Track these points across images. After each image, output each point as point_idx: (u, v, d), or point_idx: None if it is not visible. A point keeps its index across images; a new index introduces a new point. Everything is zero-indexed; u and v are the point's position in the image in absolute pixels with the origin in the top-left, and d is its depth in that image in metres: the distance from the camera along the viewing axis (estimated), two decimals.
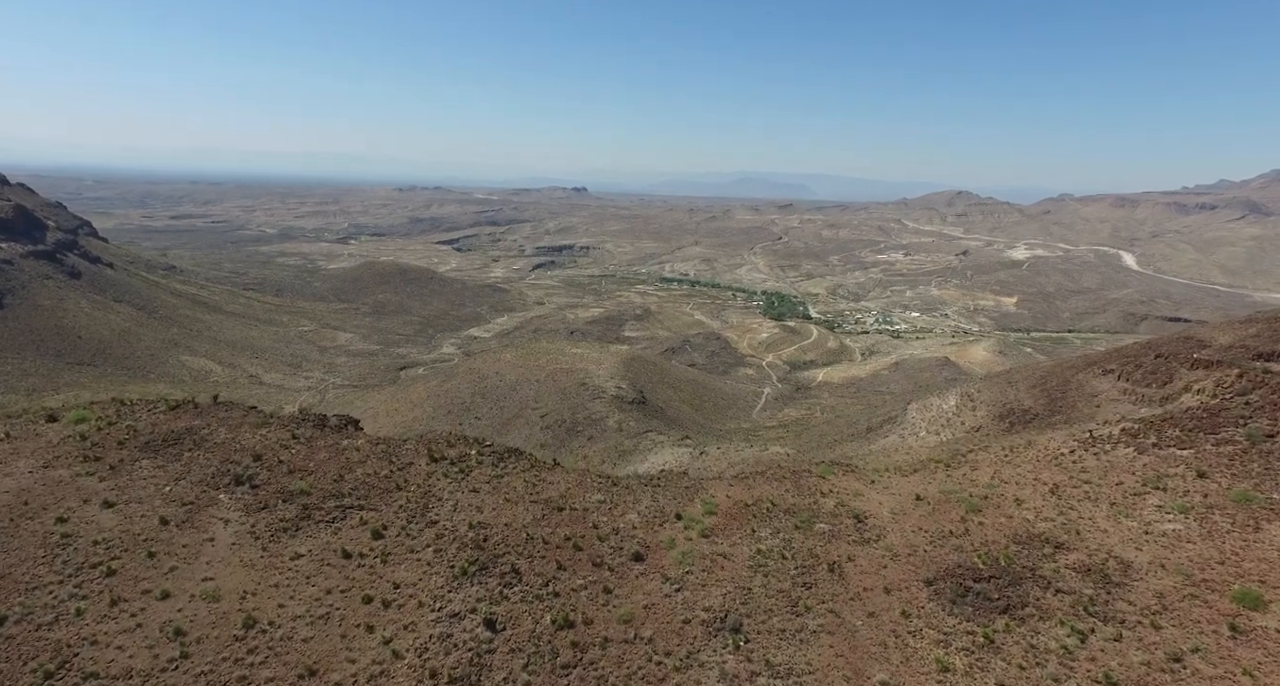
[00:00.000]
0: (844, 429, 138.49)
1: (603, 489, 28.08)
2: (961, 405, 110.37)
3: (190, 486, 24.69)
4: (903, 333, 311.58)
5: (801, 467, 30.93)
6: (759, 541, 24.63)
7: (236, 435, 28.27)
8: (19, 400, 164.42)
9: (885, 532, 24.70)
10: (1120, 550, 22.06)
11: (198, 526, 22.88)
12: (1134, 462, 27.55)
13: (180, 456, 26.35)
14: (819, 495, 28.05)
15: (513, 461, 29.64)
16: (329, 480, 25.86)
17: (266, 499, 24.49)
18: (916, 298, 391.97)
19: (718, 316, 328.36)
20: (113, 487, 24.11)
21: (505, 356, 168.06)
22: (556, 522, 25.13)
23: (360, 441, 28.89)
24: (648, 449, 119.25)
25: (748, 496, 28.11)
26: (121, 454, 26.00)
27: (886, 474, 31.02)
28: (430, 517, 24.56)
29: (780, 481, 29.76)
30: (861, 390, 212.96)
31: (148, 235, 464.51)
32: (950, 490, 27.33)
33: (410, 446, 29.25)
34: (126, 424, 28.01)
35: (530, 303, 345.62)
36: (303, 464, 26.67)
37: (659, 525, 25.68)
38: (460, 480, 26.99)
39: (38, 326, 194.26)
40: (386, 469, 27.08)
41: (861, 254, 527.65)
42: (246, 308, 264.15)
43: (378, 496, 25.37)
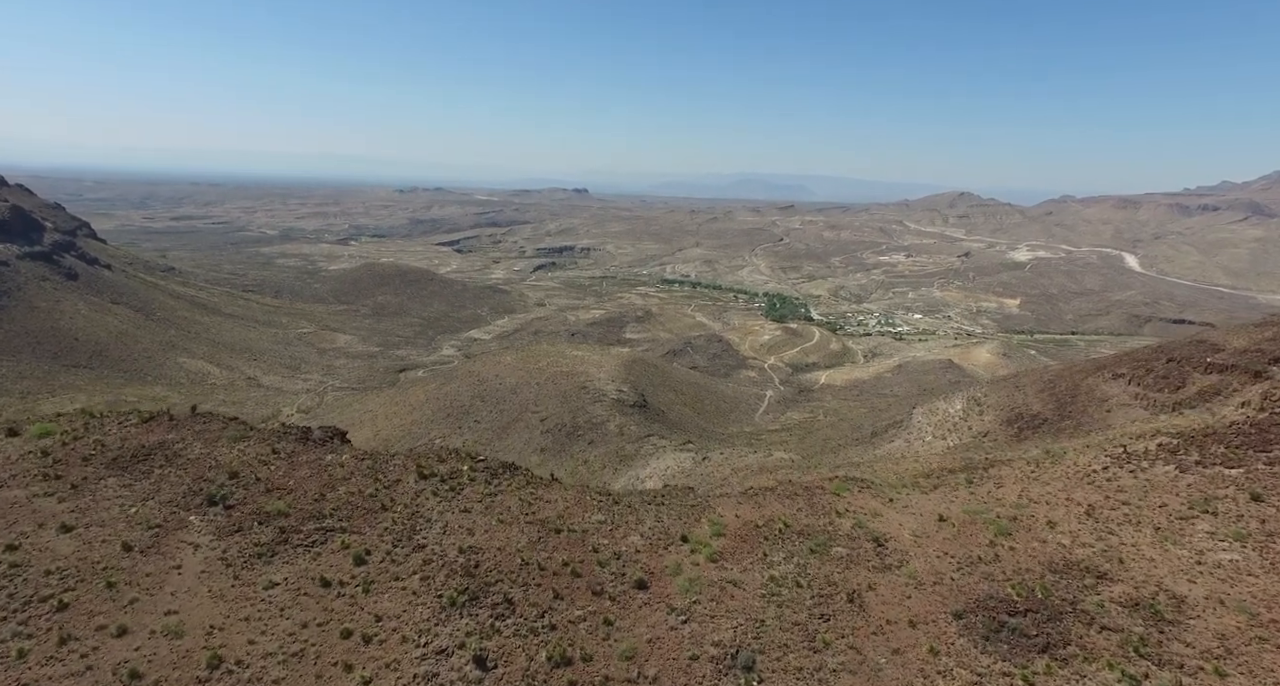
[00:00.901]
0: (848, 433, 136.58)
1: (603, 507, 26.27)
2: (968, 409, 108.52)
3: (158, 507, 22.90)
4: (905, 334, 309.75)
5: (814, 484, 29.11)
6: (771, 567, 22.82)
7: (212, 450, 26.48)
8: (13, 403, 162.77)
9: (907, 557, 22.88)
10: (1171, 582, 20.24)
11: (164, 552, 21.09)
12: (1176, 482, 25.73)
13: (150, 474, 24.57)
14: (834, 514, 26.22)
15: (507, 477, 27.82)
16: (309, 499, 24.08)
17: (241, 521, 22.70)
18: (919, 299, 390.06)
19: (719, 318, 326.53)
20: (73, 509, 22.33)
21: (505, 359, 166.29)
22: (554, 546, 23.32)
23: (345, 456, 27.10)
24: (649, 454, 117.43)
25: (758, 516, 26.29)
26: (86, 471, 24.23)
27: (905, 490, 29.18)
28: (418, 541, 22.76)
29: (792, 499, 27.93)
30: (865, 393, 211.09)
31: (148, 236, 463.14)
32: (975, 510, 25.51)
33: (398, 462, 27.45)
34: (94, 438, 26.22)
35: (531, 304, 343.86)
36: (282, 482, 24.88)
37: (664, 548, 23.87)
38: (451, 499, 25.18)
39: (33, 328, 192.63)
40: (372, 487, 25.27)
41: (863, 255, 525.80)
42: (246, 309, 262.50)
43: (361, 517, 23.58)
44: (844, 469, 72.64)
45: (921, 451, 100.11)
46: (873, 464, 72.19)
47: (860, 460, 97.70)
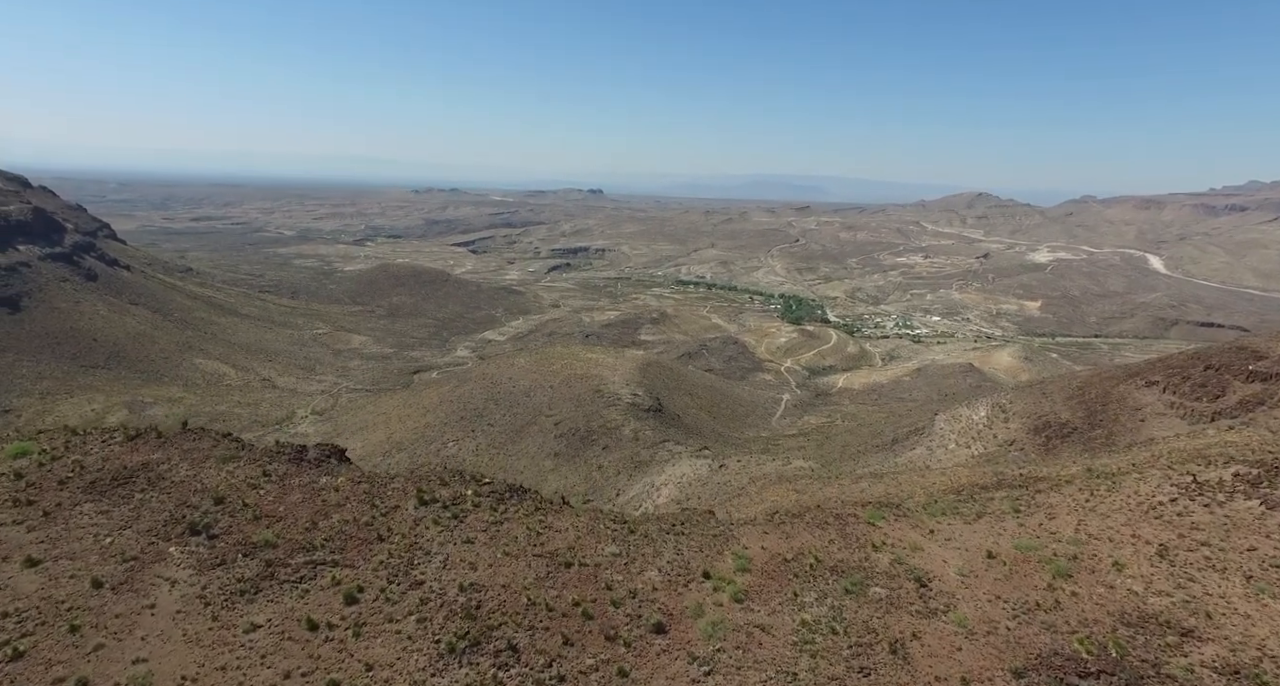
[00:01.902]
0: (868, 439, 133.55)
1: (618, 537, 24.15)
2: (993, 416, 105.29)
3: (136, 537, 21.11)
4: (924, 337, 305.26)
5: (846, 511, 26.80)
6: (803, 609, 20.59)
7: (199, 472, 24.71)
8: (33, 403, 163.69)
9: (955, 601, 20.57)
10: (1276, 646, 17.78)
11: (138, 589, 19.26)
12: (1264, 521, 23.17)
13: (130, 499, 22.81)
14: (870, 548, 23.92)
15: (515, 502, 25.79)
16: (300, 529, 22.19)
17: (224, 552, 20.85)
18: (937, 301, 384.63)
19: (735, 320, 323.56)
20: (43, 539, 20.58)
21: (519, 361, 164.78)
22: (563, 583, 21.24)
23: (340, 479, 25.19)
24: (664, 460, 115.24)
25: (786, 548, 24.06)
26: (61, 496, 22.51)
27: (945, 518, 26.77)
28: (415, 576, 20.78)
29: (823, 529, 25.65)
30: (883, 397, 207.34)
31: (168, 237, 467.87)
32: (1028, 546, 23.11)
33: (398, 485, 25.48)
34: (74, 458, 24.53)
35: (545, 305, 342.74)
36: (271, 508, 23.02)
37: (684, 585, 21.72)
38: (453, 528, 23.19)
39: (53, 329, 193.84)
40: (368, 514, 23.35)
41: (880, 256, 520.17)
42: (262, 310, 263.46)
43: (355, 549, 21.65)
44: (866, 481, 70.06)
45: (945, 460, 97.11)
46: (896, 475, 69.39)
47: (882, 469, 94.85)
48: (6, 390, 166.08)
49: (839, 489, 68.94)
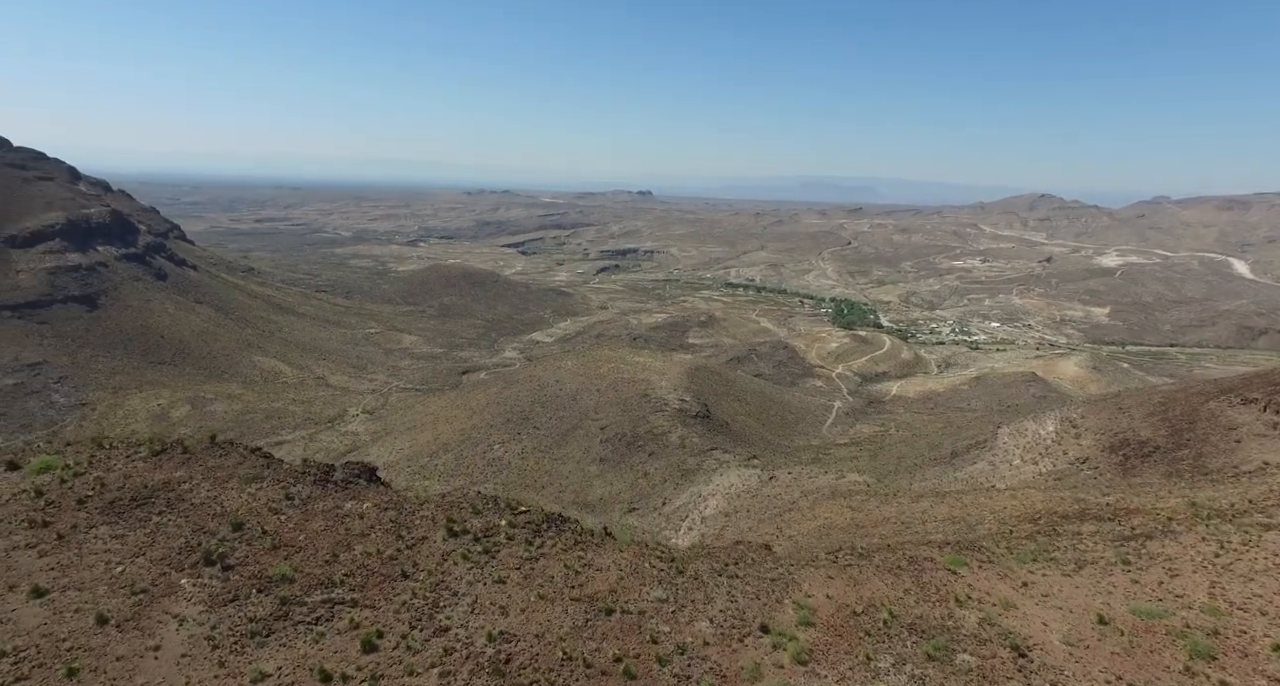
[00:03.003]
0: (925, 451, 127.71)
1: (664, 579, 21.70)
2: (1062, 431, 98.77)
3: (148, 566, 19.69)
4: (982, 344, 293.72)
5: (920, 553, 23.74)
6: (878, 677, 17.77)
7: (221, 493, 23.32)
8: (105, 397, 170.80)
9: (1064, 679, 17.39)
10: None
11: (143, 627, 17.74)
12: None
13: (147, 521, 21.50)
14: (953, 602, 20.86)
15: (552, 535, 23.59)
16: (320, 561, 20.47)
17: (238, 587, 19.24)
18: (996, 306, 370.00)
19: (785, 324, 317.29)
20: (53, 566, 19.33)
21: (566, 364, 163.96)
22: (603, 633, 18.92)
23: (366, 505, 23.45)
24: (712, 469, 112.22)
25: (855, 598, 21.20)
26: (78, 517, 21.34)
27: (1038, 567, 23.41)
28: (440, 622, 18.75)
29: (896, 575, 22.68)
30: (940, 406, 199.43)
31: (233, 237, 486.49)
32: (1149, 611, 19.68)
33: (427, 513, 23.58)
34: (95, 475, 23.44)
35: (593, 307, 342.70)
36: (291, 537, 21.39)
37: (738, 641, 19.14)
38: (484, 565, 21.13)
39: (126, 326, 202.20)
40: (393, 546, 21.49)
41: (936, 260, 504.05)
42: (318, 309, 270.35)
43: (377, 587, 19.78)
44: (927, 500, 65.71)
45: (1010, 477, 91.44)
46: (960, 495, 64.80)
47: (943, 486, 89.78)
48: (84, 384, 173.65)
49: (897, 508, 64.96)
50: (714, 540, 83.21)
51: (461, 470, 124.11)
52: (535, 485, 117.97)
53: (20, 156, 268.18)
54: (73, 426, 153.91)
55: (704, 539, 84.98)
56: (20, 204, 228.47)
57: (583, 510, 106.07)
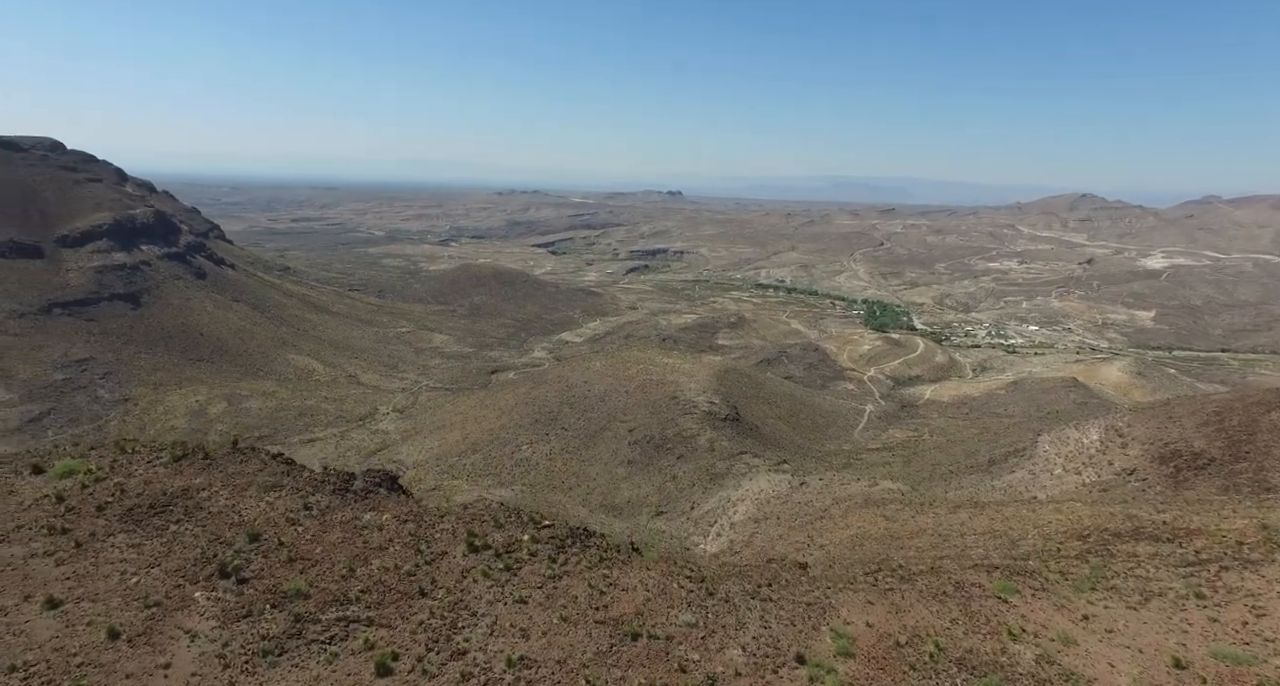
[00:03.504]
0: (960, 458, 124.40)
1: (694, 601, 20.56)
2: (1107, 440, 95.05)
3: (163, 577, 19.18)
4: (1019, 347, 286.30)
5: (967, 578, 22.21)
6: None
7: (239, 501, 22.82)
8: (147, 394, 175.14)
9: None
10: None
11: (155, 643, 17.19)
12: None
13: (165, 530, 21.05)
14: (1005, 635, 19.35)
15: (576, 551, 22.60)
16: (336, 576, 19.77)
17: (252, 602, 18.61)
18: (1034, 309, 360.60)
19: (815, 325, 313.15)
20: (69, 575, 18.93)
21: (595, 364, 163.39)
22: (629, 660, 17.85)
23: (386, 516, 22.75)
24: (741, 473, 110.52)
25: (898, 627, 19.81)
26: (97, 524, 20.98)
27: (1098, 597, 21.73)
28: (458, 644, 17.88)
29: (941, 602, 21.21)
30: (975, 411, 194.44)
31: (271, 237, 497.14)
32: (1234, 656, 17.92)
33: (447, 525, 22.79)
34: (116, 481, 23.12)
35: (623, 307, 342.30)
36: (308, 549, 20.75)
37: (772, 671, 17.92)
38: (504, 583, 20.23)
39: (167, 324, 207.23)
40: (412, 561, 20.71)
41: (971, 261, 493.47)
42: (350, 308, 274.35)
43: (394, 605, 19.00)
44: (965, 510, 63.30)
45: (1051, 488, 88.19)
46: (1000, 506, 62.21)
47: (981, 495, 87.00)
48: (127, 380, 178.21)
49: (934, 518, 62.76)
50: (743, 547, 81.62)
51: (490, 470, 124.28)
52: (563, 486, 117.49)
53: (72, 159, 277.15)
54: (116, 421, 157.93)
55: (733, 546, 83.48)
56: (71, 205, 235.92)
57: (610, 513, 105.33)
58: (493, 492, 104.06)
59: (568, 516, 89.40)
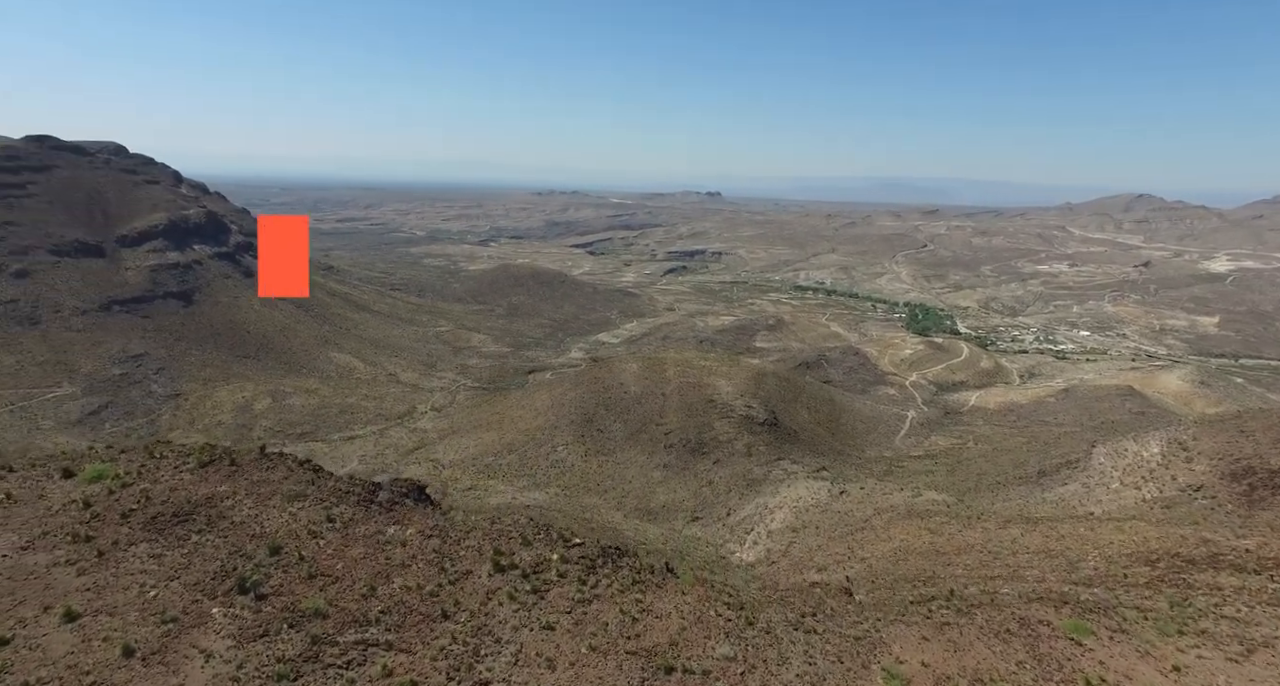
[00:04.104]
0: (1008, 468, 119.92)
1: (732, 631, 19.13)
2: (1170, 454, 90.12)
3: (182, 591, 18.56)
4: (1070, 353, 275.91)
5: (1034, 615, 20.30)
6: None
7: (262, 512, 22.21)
8: (196, 389, 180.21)
9: None
10: None
11: (169, 662, 16.51)
12: None
13: (186, 541, 20.51)
14: (1082, 684, 17.45)
15: (608, 572, 21.36)
16: (357, 594, 18.91)
17: (269, 620, 17.84)
18: (1085, 314, 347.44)
19: (856, 329, 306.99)
20: (89, 586, 18.44)
21: (631, 366, 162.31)
22: None
23: (410, 531, 21.85)
24: (779, 480, 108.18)
25: (956, 667, 18.07)
26: (119, 533, 20.53)
27: (1188, 642, 19.59)
28: (480, 674, 16.81)
29: (1004, 641, 19.37)
30: (1023, 419, 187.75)
31: (316, 237, 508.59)
32: None
33: (473, 542, 21.79)
34: (142, 487, 22.73)
35: (660, 308, 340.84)
36: (329, 565, 19.96)
37: None
38: (531, 606, 19.11)
39: (216, 321, 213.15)
40: (435, 580, 19.74)
41: (1018, 264, 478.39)
42: (391, 307, 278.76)
43: (415, 628, 18.04)
44: (1017, 526, 60.02)
45: (1108, 504, 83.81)
46: (1055, 522, 58.74)
47: (1032, 509, 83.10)
48: (178, 375, 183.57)
49: (982, 533, 59.73)
50: (780, 557, 79.52)
51: (525, 470, 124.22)
52: (598, 489, 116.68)
53: (132, 162, 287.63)
54: (167, 416, 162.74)
55: (769, 555, 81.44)
56: (130, 206, 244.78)
57: (645, 517, 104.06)
58: (527, 495, 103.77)
59: (602, 522, 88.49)
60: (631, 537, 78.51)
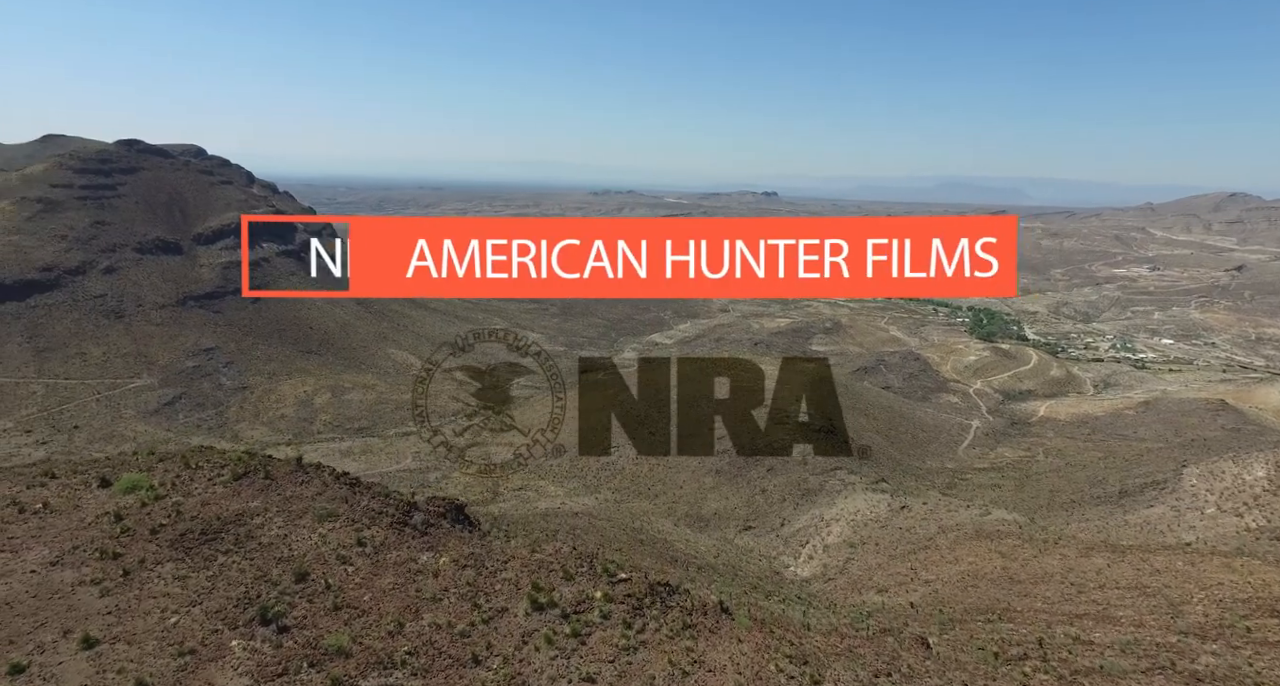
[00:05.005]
0: (1084, 486, 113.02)
1: None
2: (1276, 478, 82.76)
3: (203, 619, 17.44)
4: (1150, 363, 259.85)
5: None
6: None
7: (291, 532, 21.07)
8: (261, 382, 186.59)
9: None
10: None
11: None
12: None
13: (212, 562, 19.48)
14: None
15: (656, 613, 19.35)
16: (383, 631, 17.43)
17: (289, 657, 16.51)
18: (1169, 321, 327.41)
19: (916, 333, 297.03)
20: (111, 610, 17.51)
21: (685, 367, 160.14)
22: None
23: (444, 559, 20.32)
24: (835, 490, 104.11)
25: None
26: (147, 550, 19.66)
27: None
28: None
29: None
30: (1098, 432, 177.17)
31: None
32: None
33: (510, 574, 20.10)
34: (174, 500, 21.92)
35: (714, 309, 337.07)
36: (355, 595, 18.58)
37: None
38: (570, 653, 17.26)
39: (281, 317, 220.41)
40: (468, 618, 18.10)
41: (1092, 267, 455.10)
42: (448, 305, 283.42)
43: (443, 674, 16.40)
44: (1101, 554, 55.06)
45: (1202, 529, 77.11)
46: (1147, 553, 53.35)
47: (1113, 532, 77.09)
48: (245, 369, 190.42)
49: (1061, 561, 55.18)
50: (837, 574, 76.06)
51: (576, 472, 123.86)
52: (649, 494, 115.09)
53: (209, 163, 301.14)
54: (235, 408, 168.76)
55: (826, 571, 78.06)
56: (206, 206, 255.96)
57: (696, 525, 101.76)
58: (577, 499, 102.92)
59: (653, 532, 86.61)
60: (682, 549, 76.48)
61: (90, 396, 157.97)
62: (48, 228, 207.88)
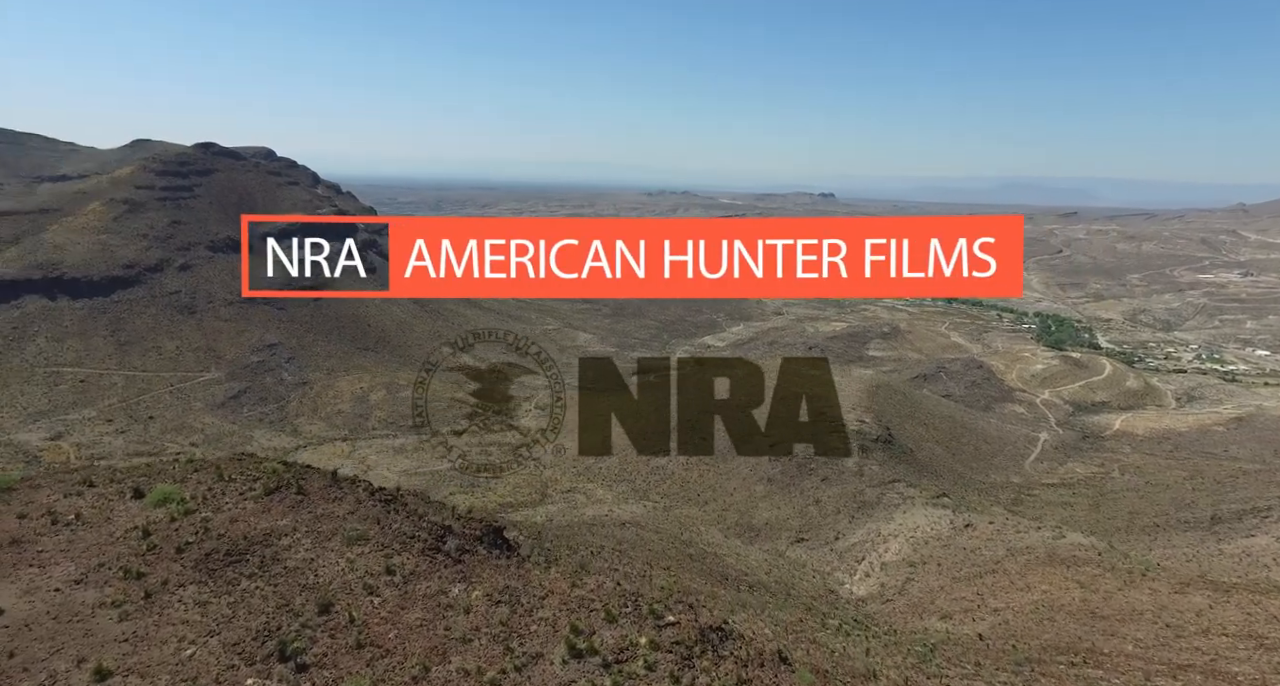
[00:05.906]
0: (1168, 508, 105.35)
1: None
2: None
3: (220, 652, 16.24)
4: (1242, 375, 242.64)
5: None
6: None
7: (319, 556, 19.83)
8: (320, 378, 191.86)
9: None
10: None
11: None
12: None
13: (235, 586, 18.36)
14: None
15: (708, 663, 17.25)
16: (406, 675, 15.88)
17: None
18: (1264, 330, 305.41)
19: (979, 339, 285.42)
20: (128, 636, 16.49)
21: (737, 371, 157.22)
22: None
23: (476, 594, 18.70)
24: (893, 504, 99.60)
25: None
26: (170, 571, 18.69)
27: None
28: None
29: None
30: (1182, 449, 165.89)
31: None
32: None
33: (547, 614, 18.34)
34: (202, 516, 21.02)
35: (769, 312, 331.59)
36: (380, 632, 17.11)
37: None
38: None
39: (340, 315, 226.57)
40: (498, 664, 16.39)
41: (1174, 272, 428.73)
42: (501, 304, 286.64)
43: None
44: (1199, 591, 49.81)
45: None
46: (1255, 593, 47.83)
47: (1210, 565, 70.40)
48: (305, 365, 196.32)
49: (1152, 597, 50.18)
50: (896, 595, 72.14)
51: (625, 475, 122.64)
52: (698, 500, 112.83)
53: (278, 165, 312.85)
54: (295, 402, 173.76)
55: (884, 590, 74.20)
56: (274, 205, 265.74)
57: (746, 536, 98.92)
58: (625, 506, 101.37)
59: (702, 544, 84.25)
60: (733, 565, 73.91)
61: (164, 388, 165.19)
62: (131, 227, 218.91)
